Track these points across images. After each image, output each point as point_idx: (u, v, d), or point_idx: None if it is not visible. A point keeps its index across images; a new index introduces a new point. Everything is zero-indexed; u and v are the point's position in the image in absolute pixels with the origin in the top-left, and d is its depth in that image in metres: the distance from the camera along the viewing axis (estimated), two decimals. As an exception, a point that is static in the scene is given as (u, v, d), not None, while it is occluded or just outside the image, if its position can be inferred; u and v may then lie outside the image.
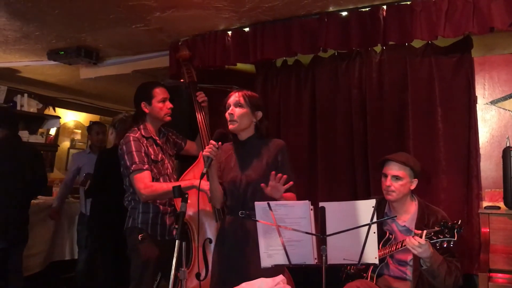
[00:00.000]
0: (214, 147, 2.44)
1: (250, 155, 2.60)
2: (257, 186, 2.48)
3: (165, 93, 3.07)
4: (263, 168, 2.54)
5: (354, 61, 3.51)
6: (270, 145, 2.61)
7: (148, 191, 2.82)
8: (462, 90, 3.16)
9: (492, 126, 3.21)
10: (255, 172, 2.54)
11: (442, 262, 2.48)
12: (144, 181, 2.83)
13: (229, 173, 2.61)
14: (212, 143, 2.46)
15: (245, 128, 2.59)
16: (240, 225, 2.54)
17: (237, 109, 2.55)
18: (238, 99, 2.57)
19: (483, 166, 3.13)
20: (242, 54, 3.59)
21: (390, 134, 3.36)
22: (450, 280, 2.50)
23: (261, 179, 2.49)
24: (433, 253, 2.44)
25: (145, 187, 2.82)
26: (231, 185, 2.59)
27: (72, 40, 4.06)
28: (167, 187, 2.83)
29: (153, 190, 2.82)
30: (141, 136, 2.96)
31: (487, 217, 2.86)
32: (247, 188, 2.54)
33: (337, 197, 3.35)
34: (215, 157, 2.45)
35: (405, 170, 2.74)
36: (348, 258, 2.14)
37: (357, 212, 2.09)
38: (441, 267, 2.47)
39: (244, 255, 2.49)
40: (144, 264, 2.90)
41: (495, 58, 3.23)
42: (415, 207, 2.79)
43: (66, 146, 6.67)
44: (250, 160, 2.58)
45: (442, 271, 2.47)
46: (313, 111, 3.66)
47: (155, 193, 2.84)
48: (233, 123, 2.55)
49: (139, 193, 2.84)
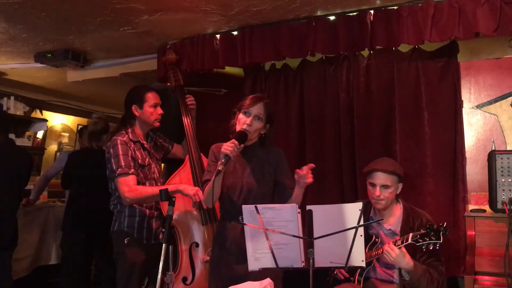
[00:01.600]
0: (236, 146, 2.37)
1: (251, 162, 2.58)
2: (258, 194, 2.49)
3: (157, 99, 3.06)
4: (263, 175, 2.54)
5: (342, 66, 3.53)
6: (270, 153, 2.61)
7: (132, 195, 2.80)
8: (448, 94, 3.19)
9: (477, 130, 3.24)
10: (256, 180, 2.53)
11: (424, 273, 2.48)
12: (129, 184, 2.81)
13: (228, 178, 2.57)
14: (234, 142, 2.37)
15: (251, 139, 2.58)
16: (241, 230, 2.44)
17: (255, 122, 2.50)
18: (260, 112, 2.52)
19: (469, 169, 3.16)
20: (230, 57, 3.60)
21: (377, 138, 3.38)
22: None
23: (262, 187, 2.50)
24: (414, 266, 2.46)
25: (129, 191, 2.80)
26: (230, 191, 2.55)
27: (59, 43, 4.03)
28: (152, 191, 2.82)
29: (137, 193, 2.80)
30: (129, 140, 2.94)
31: (472, 220, 2.89)
32: (249, 195, 2.52)
33: (324, 201, 3.35)
34: (233, 156, 2.40)
35: (393, 178, 2.76)
36: (335, 261, 2.14)
37: (344, 215, 2.10)
38: (422, 278, 2.48)
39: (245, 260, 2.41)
40: (130, 268, 2.88)
41: (481, 63, 3.27)
42: (400, 210, 2.81)
43: (54, 149, 6.62)
44: (251, 167, 2.56)
45: (423, 282, 2.48)
46: (301, 115, 3.67)
47: (139, 196, 2.82)
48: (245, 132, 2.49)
49: (123, 196, 2.82)
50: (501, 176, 2.80)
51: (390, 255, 2.46)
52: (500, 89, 3.21)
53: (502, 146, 3.15)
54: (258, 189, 2.51)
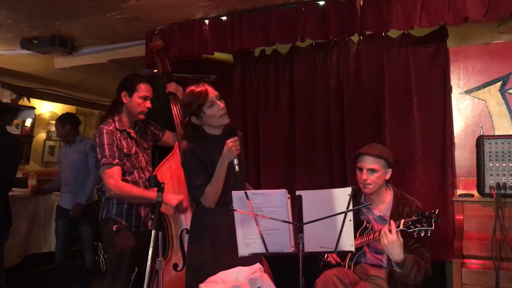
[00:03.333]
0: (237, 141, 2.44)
1: None
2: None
3: (148, 92, 3.03)
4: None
5: (332, 51, 3.52)
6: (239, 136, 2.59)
7: (118, 190, 2.78)
8: (437, 80, 3.20)
9: (466, 116, 3.26)
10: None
11: (413, 266, 2.49)
12: (115, 178, 2.79)
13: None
14: (235, 139, 2.44)
15: None
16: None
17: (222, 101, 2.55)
18: (217, 92, 2.55)
19: (457, 155, 3.18)
20: (219, 43, 3.56)
21: (367, 124, 3.38)
22: (420, 277, 2.53)
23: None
24: (405, 258, 2.45)
25: (114, 185, 2.78)
26: (225, 181, 2.53)
27: (46, 29, 3.96)
28: (137, 192, 2.82)
29: (122, 190, 2.80)
30: (115, 129, 2.92)
31: (461, 205, 2.91)
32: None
33: (314, 187, 3.37)
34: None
35: (380, 162, 2.76)
36: (325, 246, 2.15)
37: (333, 200, 2.10)
38: (412, 270, 2.48)
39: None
40: (120, 256, 2.87)
41: (470, 48, 3.27)
42: (390, 196, 2.82)
43: (42, 137, 6.55)
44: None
45: (413, 273, 2.49)
46: (291, 102, 3.66)
47: (123, 194, 2.81)
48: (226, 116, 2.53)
49: (107, 188, 2.80)
50: (489, 161, 2.82)
51: (386, 237, 2.43)
52: (489, 75, 3.21)
53: (490, 131, 3.17)
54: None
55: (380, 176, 2.76)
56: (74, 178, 4.60)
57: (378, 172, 2.75)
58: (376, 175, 2.75)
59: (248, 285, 2.18)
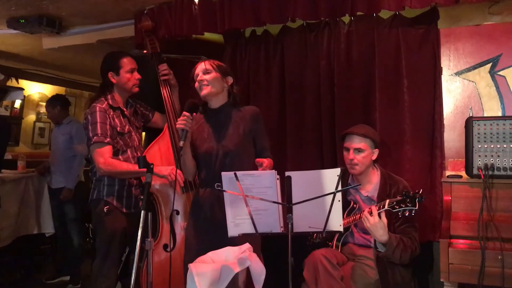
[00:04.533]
0: (188, 118, 2.40)
1: (225, 124, 2.55)
2: (235, 156, 2.47)
3: (133, 63, 3.01)
4: (240, 137, 2.50)
5: (323, 32, 3.49)
6: (244, 112, 2.57)
7: (107, 168, 2.78)
8: (428, 61, 3.19)
9: (456, 97, 3.26)
10: (232, 142, 2.50)
11: (398, 245, 2.53)
12: (104, 156, 2.78)
13: (202, 144, 2.55)
14: (185, 114, 2.41)
15: (217, 93, 2.55)
16: (217, 198, 2.49)
17: (205, 75, 2.52)
18: (206, 67, 2.54)
19: (446, 136, 3.20)
20: (209, 23, 3.52)
21: (357, 105, 3.38)
22: (406, 256, 2.58)
23: (239, 149, 2.47)
24: (389, 239, 2.49)
25: (104, 162, 2.78)
26: (206, 157, 2.54)
27: (33, 8, 3.88)
28: (127, 167, 2.81)
29: (112, 167, 2.79)
30: (108, 107, 2.90)
31: (449, 186, 2.93)
32: (225, 159, 2.50)
33: (304, 168, 3.37)
34: (190, 128, 2.41)
35: (366, 141, 2.78)
36: (314, 226, 2.17)
37: (322, 181, 2.11)
38: (397, 250, 2.53)
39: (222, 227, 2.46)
40: (110, 237, 2.88)
41: (461, 29, 3.26)
42: (378, 177, 2.84)
43: (32, 119, 6.50)
44: (225, 129, 2.53)
45: (398, 253, 2.54)
46: (282, 83, 3.64)
47: (113, 170, 2.80)
48: (205, 87, 2.50)
49: (98, 167, 2.81)
50: (478, 142, 2.84)
51: (367, 221, 2.49)
52: (479, 56, 3.21)
53: (479, 113, 3.18)
54: (234, 151, 2.48)
55: (367, 156, 2.78)
56: (60, 160, 4.64)
57: (365, 151, 2.77)
58: (362, 154, 2.77)
59: (237, 264, 2.20)
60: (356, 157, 2.78)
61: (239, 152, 2.48)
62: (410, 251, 2.60)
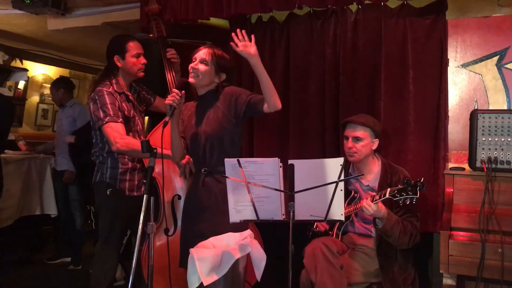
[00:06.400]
0: (177, 95, 2.41)
1: (207, 109, 2.57)
2: (215, 140, 2.48)
3: (139, 48, 2.99)
4: (219, 120, 2.50)
5: (330, 20, 3.46)
6: (223, 95, 2.57)
7: (123, 143, 2.74)
8: (434, 52, 3.17)
9: (461, 89, 3.24)
10: (210, 126, 2.52)
11: (397, 223, 2.56)
12: (120, 132, 2.77)
13: (190, 130, 2.60)
14: (174, 91, 2.43)
15: (204, 85, 2.57)
16: (203, 182, 2.52)
17: (201, 65, 2.52)
18: (205, 57, 2.53)
19: (451, 128, 3.19)
20: (215, 8, 3.49)
21: (362, 94, 3.36)
22: (405, 238, 2.60)
23: (218, 133, 2.48)
24: (388, 214, 2.52)
25: (121, 138, 2.75)
26: (192, 143, 2.58)
27: (38, -12, 3.87)
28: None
29: (127, 143, 2.75)
30: (114, 91, 2.89)
31: (451, 178, 2.93)
32: (206, 143, 2.52)
33: (307, 156, 3.37)
34: (178, 105, 2.43)
35: (366, 130, 2.78)
36: (315, 215, 2.17)
37: (325, 170, 2.11)
38: (395, 227, 2.55)
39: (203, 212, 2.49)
40: (113, 219, 2.89)
41: (468, 21, 3.23)
42: (378, 167, 2.84)
43: (36, 100, 6.50)
44: (206, 115, 2.56)
45: (396, 231, 2.56)
46: (286, 70, 3.62)
47: (128, 147, 2.75)
48: (194, 77, 2.52)
49: (114, 141, 2.74)
50: (482, 135, 2.83)
51: (367, 211, 2.51)
52: (486, 49, 3.18)
53: (485, 106, 3.17)
54: (213, 134, 2.49)
55: (366, 145, 2.78)
56: (63, 142, 4.64)
57: (364, 140, 2.77)
58: (361, 143, 2.77)
59: (238, 250, 2.21)
60: (355, 145, 2.78)
61: (218, 135, 2.48)
62: (409, 235, 2.62)
